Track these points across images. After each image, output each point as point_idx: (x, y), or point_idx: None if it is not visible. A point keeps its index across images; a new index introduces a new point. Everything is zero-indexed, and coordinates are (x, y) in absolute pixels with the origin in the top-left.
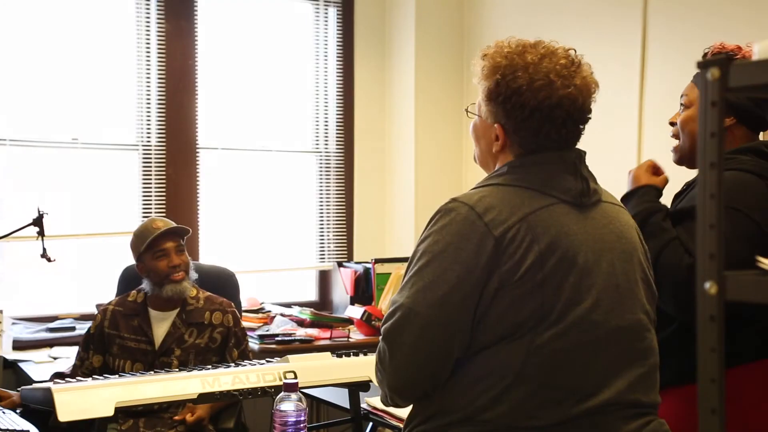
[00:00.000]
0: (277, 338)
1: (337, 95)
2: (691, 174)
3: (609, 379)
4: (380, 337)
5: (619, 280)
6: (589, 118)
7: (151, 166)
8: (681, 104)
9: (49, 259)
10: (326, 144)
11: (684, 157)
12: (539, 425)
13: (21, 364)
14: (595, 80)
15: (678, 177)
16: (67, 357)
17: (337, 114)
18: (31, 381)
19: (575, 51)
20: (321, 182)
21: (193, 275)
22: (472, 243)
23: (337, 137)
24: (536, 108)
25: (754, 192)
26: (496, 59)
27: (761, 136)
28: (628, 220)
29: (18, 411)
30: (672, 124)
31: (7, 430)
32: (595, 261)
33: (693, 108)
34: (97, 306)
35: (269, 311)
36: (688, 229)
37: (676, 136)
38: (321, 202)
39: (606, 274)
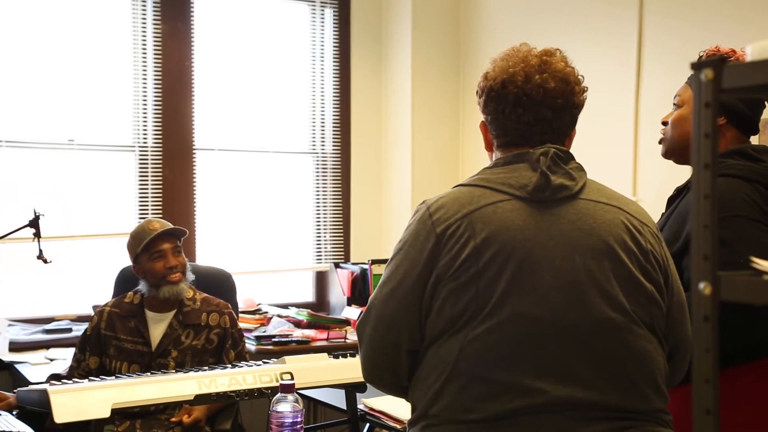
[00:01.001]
0: (273, 339)
1: (334, 96)
2: (681, 179)
3: (563, 378)
4: None
5: (581, 276)
6: (562, 103)
7: (147, 167)
8: (674, 104)
9: (45, 261)
10: (323, 145)
11: (671, 151)
12: (476, 418)
13: (17, 366)
14: (569, 68)
15: (675, 180)
16: (63, 358)
17: (334, 115)
18: (27, 382)
19: (560, 50)
20: (318, 183)
21: (190, 276)
22: (419, 240)
23: (333, 138)
24: (491, 88)
25: (742, 197)
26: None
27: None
28: (610, 218)
29: (14, 413)
30: (664, 123)
31: (4, 431)
32: (545, 256)
33: (685, 107)
34: (94, 307)
35: (266, 312)
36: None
37: (665, 133)
38: (318, 203)
39: (558, 269)
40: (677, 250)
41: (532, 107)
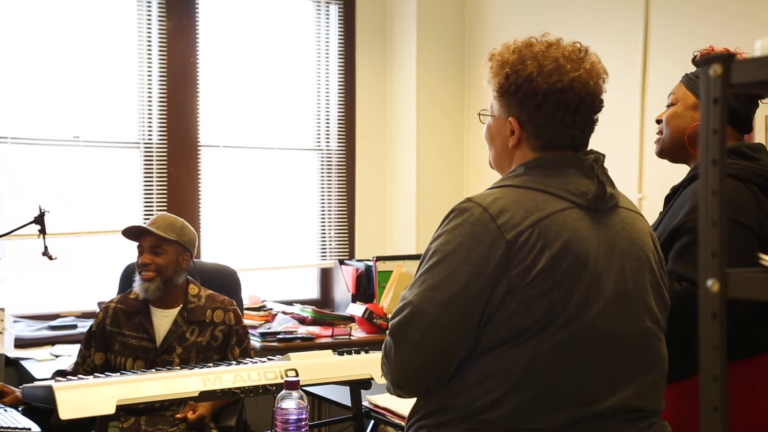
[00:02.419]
0: (278, 336)
1: (339, 93)
2: (677, 178)
3: (613, 387)
4: (387, 332)
5: (629, 287)
6: (602, 107)
7: (152, 164)
8: (667, 104)
9: (50, 257)
10: (327, 141)
11: (665, 150)
12: (538, 429)
13: (23, 362)
14: (603, 68)
15: (680, 179)
16: (68, 355)
17: (339, 111)
18: (32, 379)
19: (580, 43)
20: (322, 180)
21: (179, 280)
22: (483, 245)
23: (338, 135)
24: (548, 92)
25: (734, 197)
26: (504, 56)
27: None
28: (643, 227)
29: (20, 409)
30: (658, 122)
31: (9, 427)
32: (606, 267)
33: (679, 105)
34: (99, 304)
35: (270, 309)
36: (681, 254)
37: (660, 132)
38: (322, 199)
39: (616, 280)
40: (663, 243)
41: (587, 113)
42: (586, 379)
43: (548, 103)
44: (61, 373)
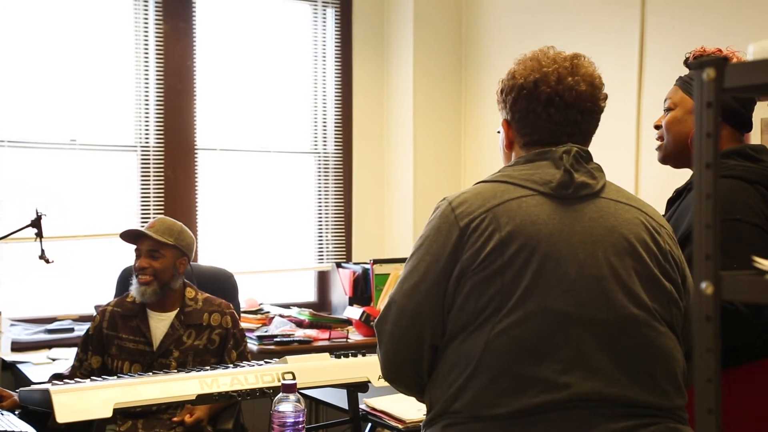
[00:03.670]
0: (275, 339)
1: (336, 96)
2: (682, 180)
3: (585, 372)
4: None
5: (603, 272)
6: (590, 106)
7: (149, 167)
8: (665, 109)
9: (47, 261)
10: (325, 145)
11: (668, 157)
12: (501, 413)
13: (20, 366)
14: (596, 71)
15: (677, 181)
16: (65, 358)
17: (336, 115)
18: (29, 382)
19: (584, 55)
20: (319, 183)
21: (176, 284)
22: (442, 234)
23: (335, 138)
24: (522, 86)
25: (743, 198)
26: (511, 67)
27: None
28: (631, 217)
29: (17, 412)
30: (657, 127)
31: (6, 431)
32: (570, 251)
33: (678, 109)
34: (96, 307)
35: (268, 312)
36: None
37: (660, 138)
38: (319, 202)
39: (582, 264)
40: None
41: (564, 108)
42: (545, 361)
43: (521, 97)
44: (58, 377)
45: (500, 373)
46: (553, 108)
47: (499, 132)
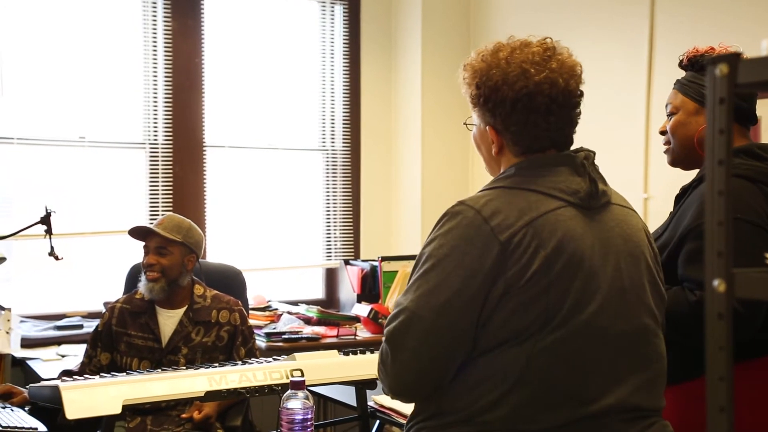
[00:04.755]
0: (284, 336)
1: (344, 93)
2: (683, 177)
3: (612, 384)
4: (383, 339)
5: (625, 283)
6: (579, 100)
7: (158, 164)
8: (668, 114)
9: (56, 258)
10: (333, 142)
11: (677, 159)
12: (538, 428)
13: (29, 362)
14: (575, 61)
15: (686, 178)
16: (75, 355)
17: (344, 112)
18: (39, 379)
19: (551, 39)
20: (327, 180)
21: (184, 281)
22: (476, 247)
23: (343, 135)
24: (516, 99)
25: (745, 197)
26: (474, 65)
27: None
28: (636, 222)
29: (26, 408)
30: (662, 133)
31: (16, 427)
32: (601, 265)
33: (680, 113)
34: (105, 304)
35: (276, 309)
36: (692, 259)
37: (667, 143)
38: (327, 199)
39: (611, 278)
40: (672, 247)
41: (561, 112)
42: (584, 377)
43: (517, 110)
44: (67, 373)
45: (542, 390)
46: (552, 116)
47: (471, 130)
